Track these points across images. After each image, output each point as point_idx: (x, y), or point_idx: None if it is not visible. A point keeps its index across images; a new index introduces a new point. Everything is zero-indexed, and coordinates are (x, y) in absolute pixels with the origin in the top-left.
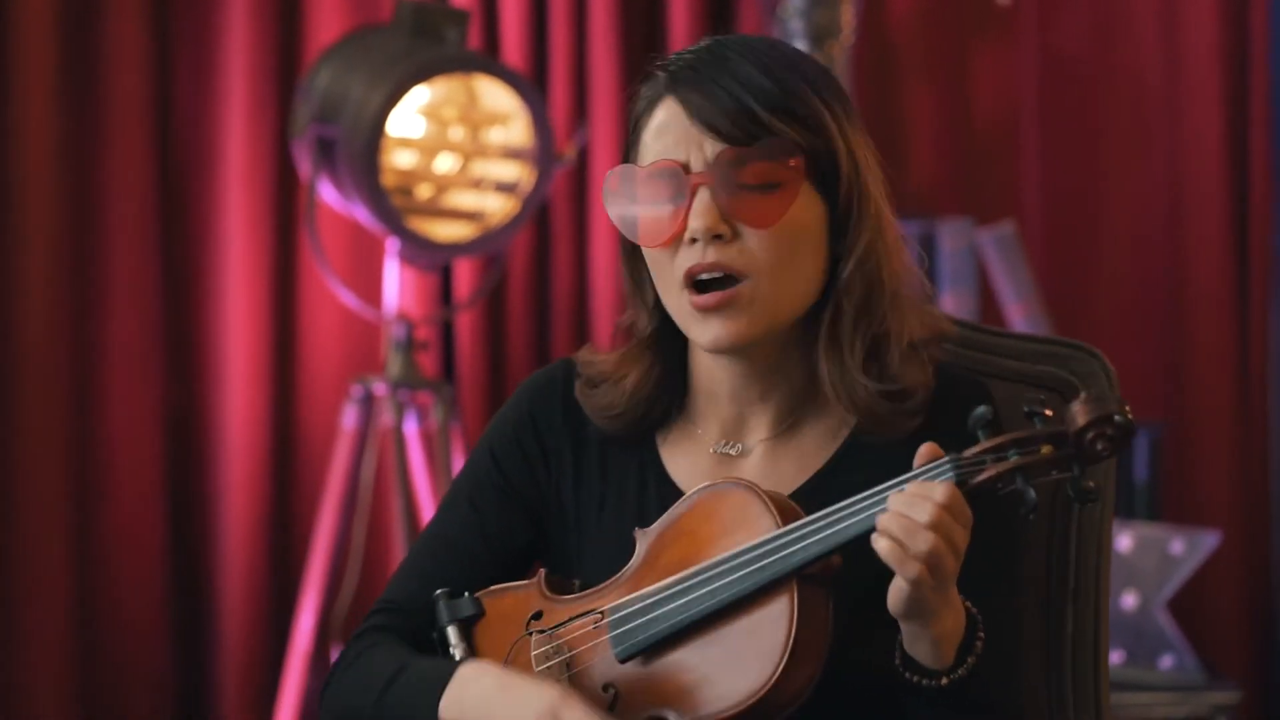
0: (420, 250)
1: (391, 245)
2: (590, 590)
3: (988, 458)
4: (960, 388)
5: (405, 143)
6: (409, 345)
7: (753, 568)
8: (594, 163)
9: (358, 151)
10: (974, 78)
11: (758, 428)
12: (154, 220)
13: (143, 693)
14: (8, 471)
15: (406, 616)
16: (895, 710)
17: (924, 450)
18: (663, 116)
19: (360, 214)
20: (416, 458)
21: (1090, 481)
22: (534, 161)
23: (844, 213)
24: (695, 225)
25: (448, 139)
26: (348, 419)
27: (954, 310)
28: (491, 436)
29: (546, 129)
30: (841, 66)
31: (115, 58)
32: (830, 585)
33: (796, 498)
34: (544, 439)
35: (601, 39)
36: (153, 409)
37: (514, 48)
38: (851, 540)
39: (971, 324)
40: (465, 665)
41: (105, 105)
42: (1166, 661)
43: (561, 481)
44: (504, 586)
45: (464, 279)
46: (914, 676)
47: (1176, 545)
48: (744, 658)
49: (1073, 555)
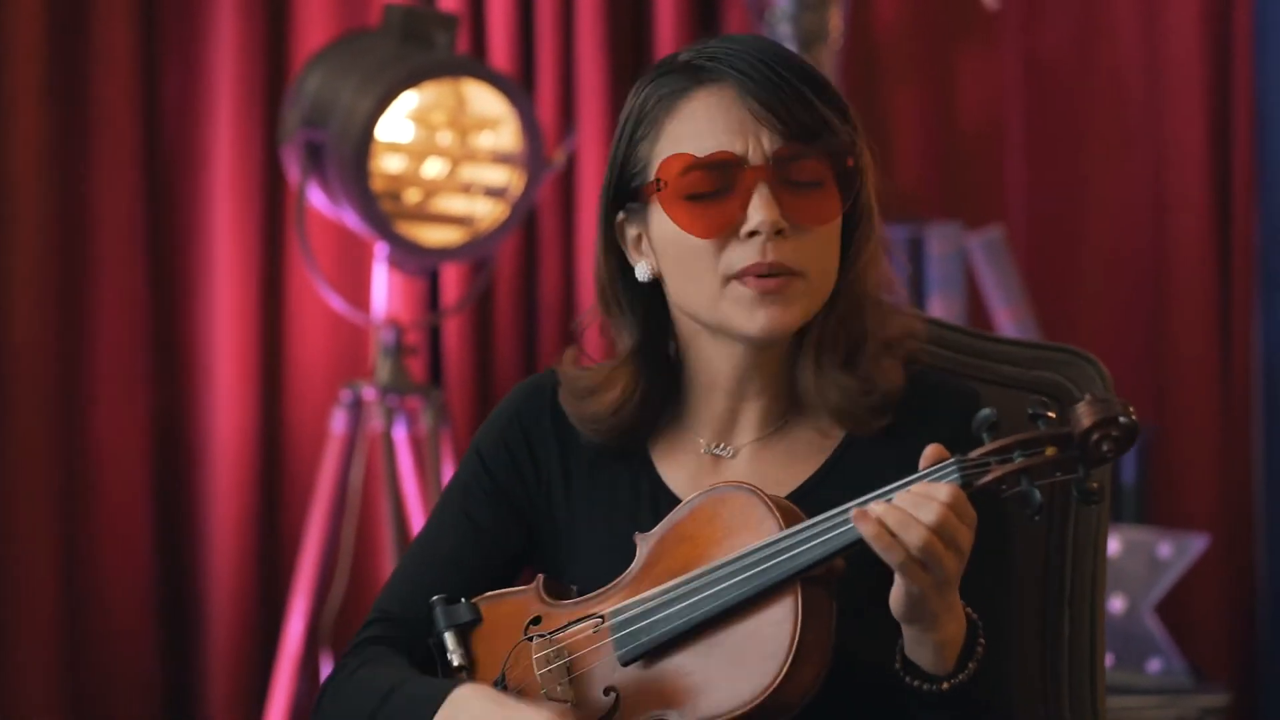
0: (409, 255)
1: (380, 250)
2: (589, 595)
3: (992, 459)
4: (948, 391)
5: (394, 147)
6: (398, 350)
7: (756, 570)
8: (581, 168)
9: (347, 156)
10: (959, 82)
11: (747, 427)
12: (142, 224)
13: (131, 697)
14: None
15: (401, 626)
16: (897, 713)
17: (930, 451)
18: (712, 105)
19: (349, 218)
20: (405, 463)
21: (1094, 482)
22: (523, 166)
23: (854, 218)
24: (760, 219)
25: (436, 144)
26: (337, 424)
27: (943, 314)
28: (481, 442)
29: (536, 134)
30: (830, 71)
31: (103, 61)
32: (833, 588)
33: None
34: (533, 445)
35: (588, 44)
36: (140, 413)
37: (501, 52)
38: (855, 543)
39: (966, 329)
40: (458, 688)
41: (93, 109)
42: (1154, 665)
43: (552, 487)
44: (501, 592)
45: (451, 284)
46: (915, 681)
47: (1164, 549)
48: (747, 661)
49: (1069, 561)
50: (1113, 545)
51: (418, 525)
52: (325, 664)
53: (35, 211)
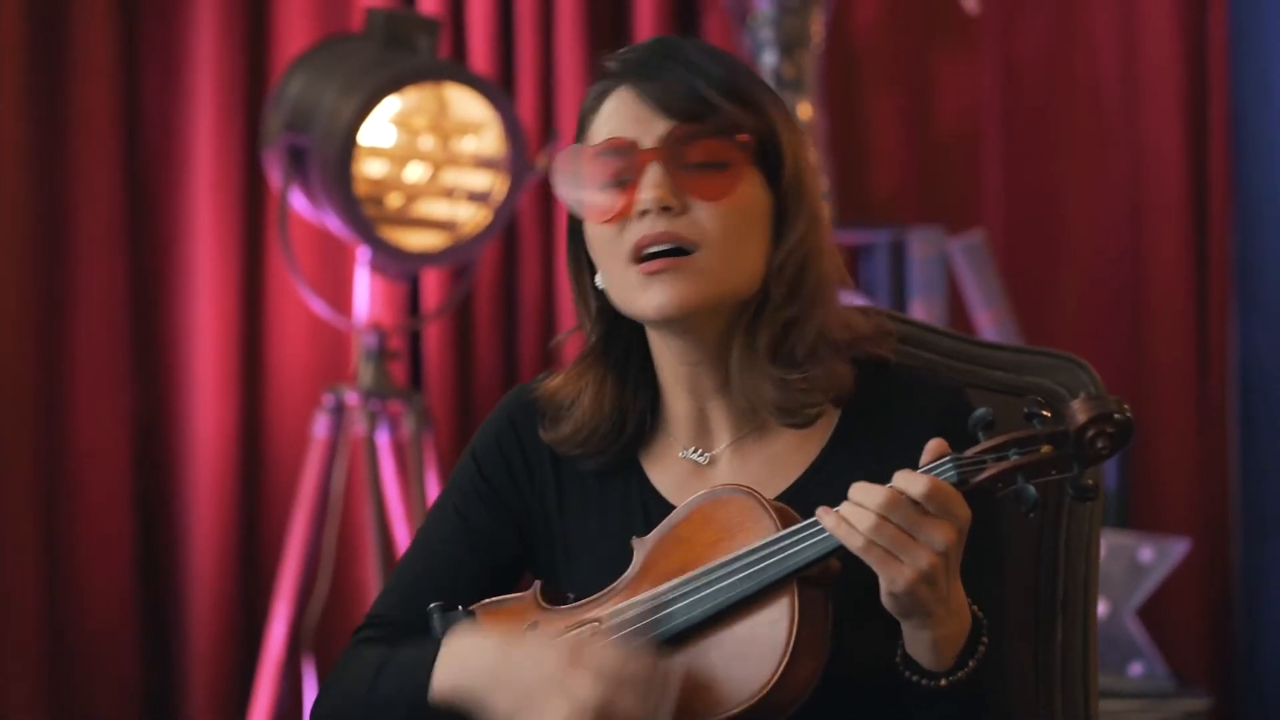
0: (392, 260)
1: (362, 254)
2: (586, 600)
3: (988, 457)
4: (930, 384)
5: (376, 152)
6: (381, 354)
7: (752, 570)
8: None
9: (330, 161)
10: (937, 87)
11: (721, 429)
12: (122, 228)
13: (112, 700)
14: None
15: (396, 629)
16: (895, 712)
17: (931, 446)
18: (613, 103)
19: (331, 223)
20: (387, 468)
21: (1089, 479)
22: (506, 170)
23: (784, 200)
24: (646, 197)
25: (418, 148)
26: (319, 428)
27: (924, 318)
28: (476, 448)
29: (519, 138)
30: (811, 75)
31: (83, 65)
32: (830, 588)
33: None
34: (527, 450)
35: (568, 48)
36: (121, 417)
37: (481, 56)
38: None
39: (956, 334)
40: (453, 639)
41: (73, 113)
42: (1136, 669)
43: (545, 493)
44: (499, 599)
45: (431, 289)
46: (913, 676)
47: (1145, 553)
48: (744, 659)
49: (1061, 566)
50: None
51: (400, 530)
52: (307, 668)
53: (16, 216)
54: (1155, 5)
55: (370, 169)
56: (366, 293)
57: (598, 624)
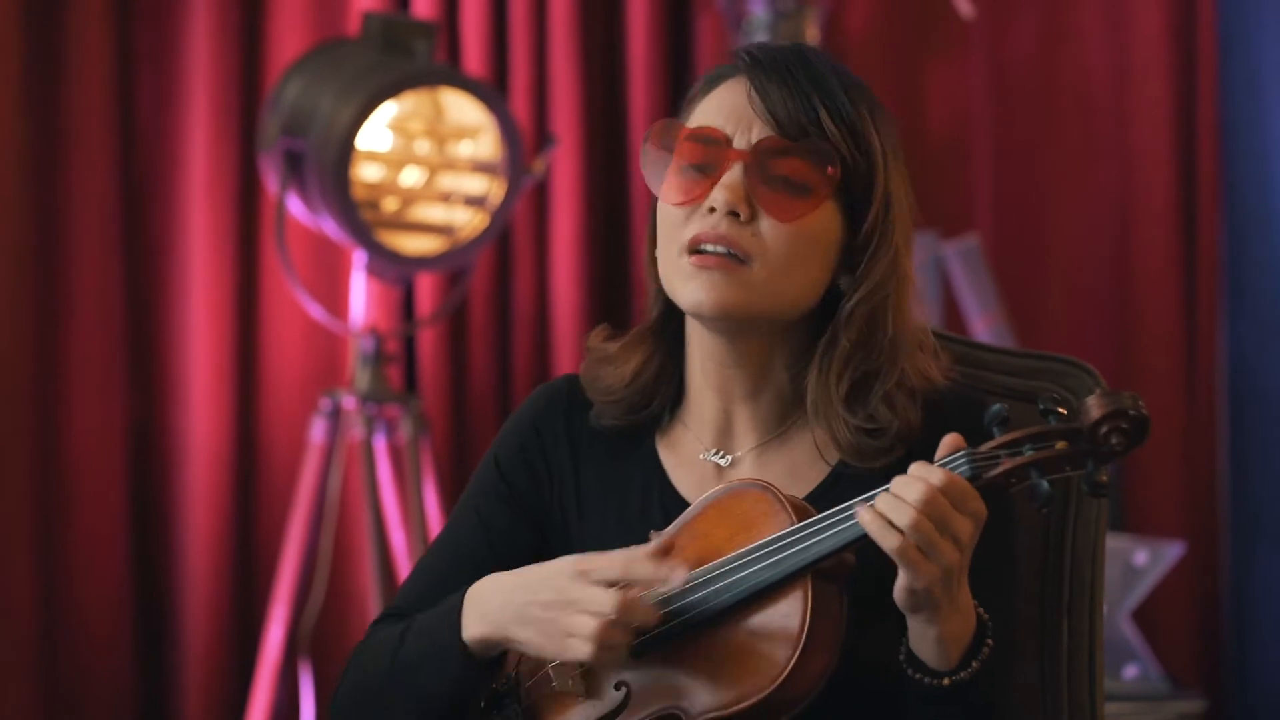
0: (389, 263)
1: (359, 258)
2: None
3: (1002, 453)
4: (953, 402)
5: (372, 156)
6: (378, 358)
7: (767, 562)
8: (555, 178)
9: (328, 165)
10: (928, 91)
11: (746, 433)
12: (117, 232)
13: (107, 705)
14: None
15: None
16: (901, 711)
17: (946, 441)
18: (725, 92)
19: (328, 227)
20: (384, 472)
21: (1103, 475)
22: (503, 175)
23: (863, 243)
24: (719, 196)
25: (414, 152)
26: (316, 432)
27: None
28: (497, 448)
29: (516, 142)
30: None
31: (79, 69)
32: (844, 583)
33: None
34: (547, 450)
35: (562, 53)
36: (116, 422)
37: (475, 60)
38: (865, 536)
39: (965, 340)
40: (471, 588)
41: (69, 116)
42: (1131, 671)
43: (564, 492)
44: None
45: (426, 294)
46: (916, 674)
47: (1140, 556)
48: (757, 652)
49: (1067, 568)
50: None
51: (396, 534)
52: (304, 673)
53: (11, 220)
54: (1144, 9)
55: (367, 173)
56: (363, 297)
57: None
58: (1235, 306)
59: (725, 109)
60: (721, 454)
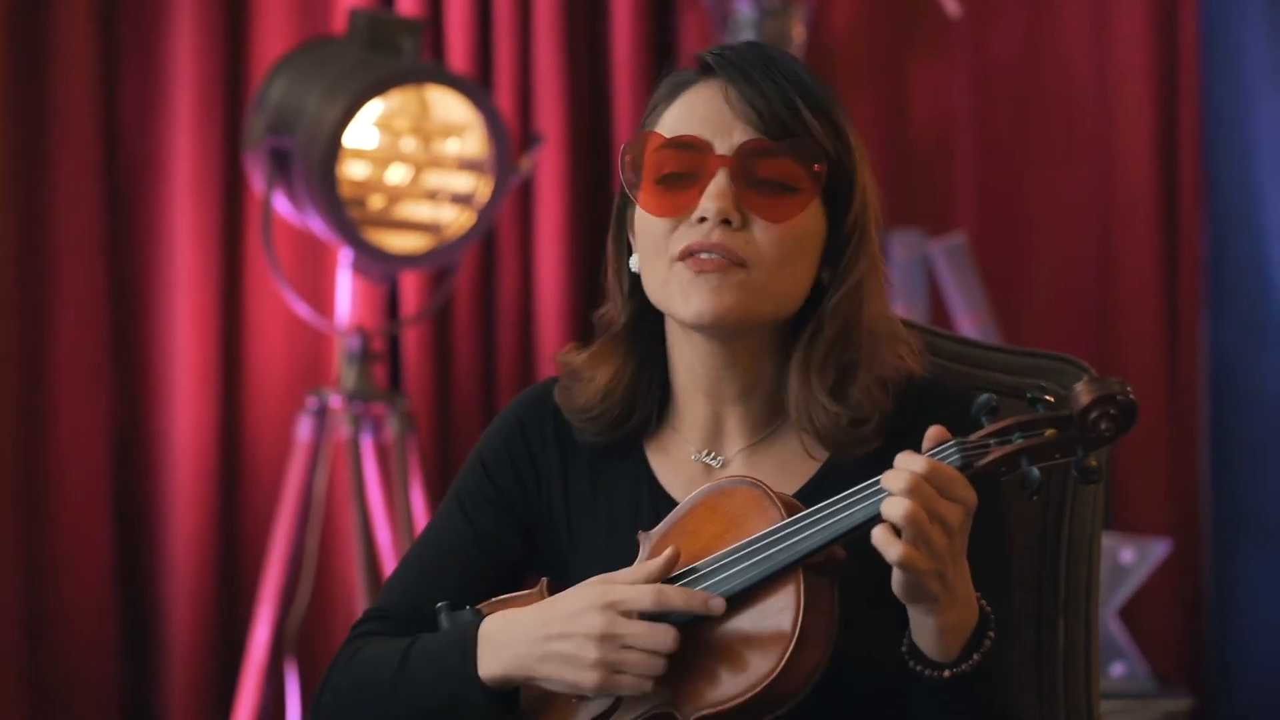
0: (375, 261)
1: (345, 256)
2: None
3: (992, 441)
4: (940, 394)
5: (358, 154)
6: (364, 357)
7: (758, 558)
8: (539, 177)
9: (315, 163)
10: (912, 90)
11: (735, 434)
12: (101, 232)
13: (91, 705)
14: None
15: (397, 624)
16: (895, 705)
17: (932, 433)
18: (696, 98)
19: (315, 225)
20: (370, 470)
21: (1093, 460)
22: (489, 173)
23: (844, 240)
24: (708, 205)
25: (400, 150)
26: (302, 431)
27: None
28: (482, 449)
29: (503, 140)
30: None
31: (63, 69)
32: (834, 576)
33: None
34: (534, 451)
35: (546, 50)
36: (100, 420)
37: (460, 58)
38: (855, 529)
39: (958, 337)
40: (487, 620)
41: (52, 117)
42: (1118, 669)
43: (552, 493)
44: (506, 597)
45: (410, 293)
46: (918, 666)
47: (1127, 554)
48: (750, 648)
49: (1063, 566)
50: None
51: (382, 533)
52: (290, 672)
53: None
54: (1127, 9)
55: (352, 171)
56: (348, 295)
57: None
58: (1217, 305)
59: (701, 113)
60: (712, 455)
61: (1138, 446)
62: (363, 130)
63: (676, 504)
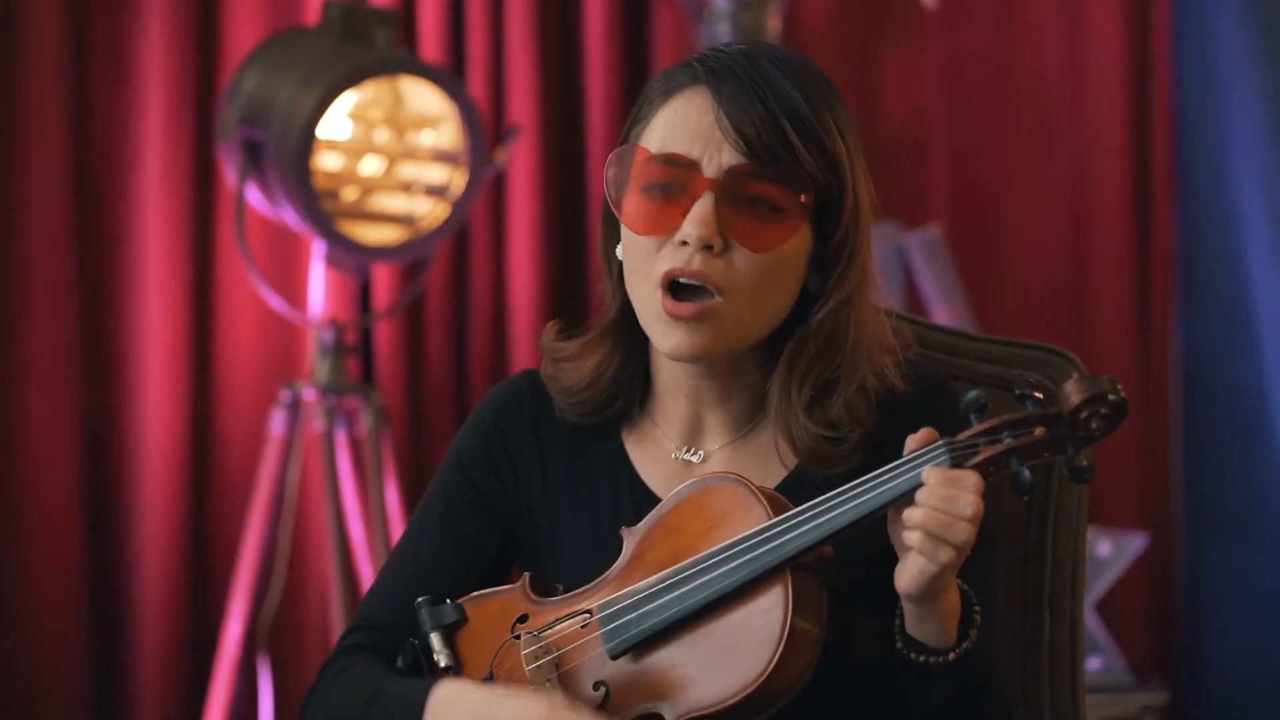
0: (349, 254)
1: (318, 249)
2: (576, 591)
3: (981, 441)
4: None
5: (332, 145)
6: (338, 350)
7: (745, 559)
8: (512, 170)
9: (288, 155)
10: (885, 83)
11: (716, 432)
12: (70, 224)
13: (60, 703)
14: None
15: (383, 633)
16: (882, 699)
17: (920, 434)
18: (687, 105)
19: (289, 217)
20: (344, 464)
21: (1084, 460)
22: (464, 165)
23: (833, 255)
24: (690, 231)
25: (373, 141)
26: (275, 424)
27: None
28: (459, 448)
29: (478, 132)
30: None
31: (32, 61)
32: (822, 576)
33: None
34: (511, 448)
35: (518, 41)
36: (70, 415)
37: (432, 48)
38: (844, 529)
39: (943, 328)
40: (439, 687)
41: (22, 109)
42: (1095, 663)
43: (531, 489)
44: (487, 592)
45: (383, 286)
46: (919, 656)
47: (1103, 547)
48: (739, 649)
49: (1049, 562)
50: None
51: (356, 527)
52: (263, 668)
53: None
54: (1100, 4)
55: (326, 163)
56: (321, 288)
57: (588, 615)
58: (1189, 299)
59: (690, 129)
60: (692, 450)
61: (1110, 440)
62: (336, 122)
63: (656, 497)
